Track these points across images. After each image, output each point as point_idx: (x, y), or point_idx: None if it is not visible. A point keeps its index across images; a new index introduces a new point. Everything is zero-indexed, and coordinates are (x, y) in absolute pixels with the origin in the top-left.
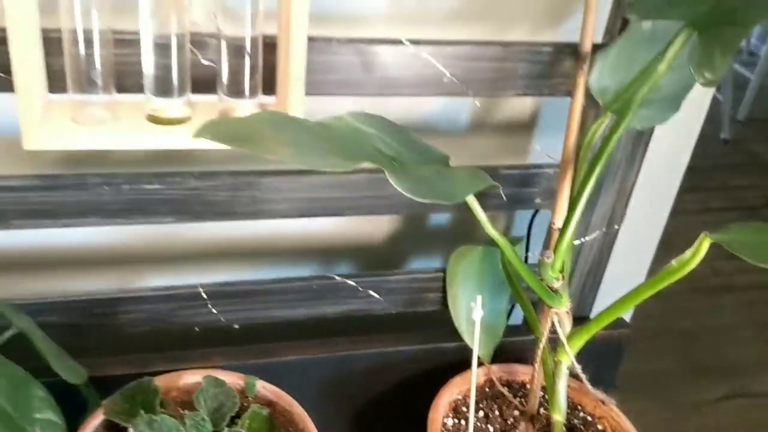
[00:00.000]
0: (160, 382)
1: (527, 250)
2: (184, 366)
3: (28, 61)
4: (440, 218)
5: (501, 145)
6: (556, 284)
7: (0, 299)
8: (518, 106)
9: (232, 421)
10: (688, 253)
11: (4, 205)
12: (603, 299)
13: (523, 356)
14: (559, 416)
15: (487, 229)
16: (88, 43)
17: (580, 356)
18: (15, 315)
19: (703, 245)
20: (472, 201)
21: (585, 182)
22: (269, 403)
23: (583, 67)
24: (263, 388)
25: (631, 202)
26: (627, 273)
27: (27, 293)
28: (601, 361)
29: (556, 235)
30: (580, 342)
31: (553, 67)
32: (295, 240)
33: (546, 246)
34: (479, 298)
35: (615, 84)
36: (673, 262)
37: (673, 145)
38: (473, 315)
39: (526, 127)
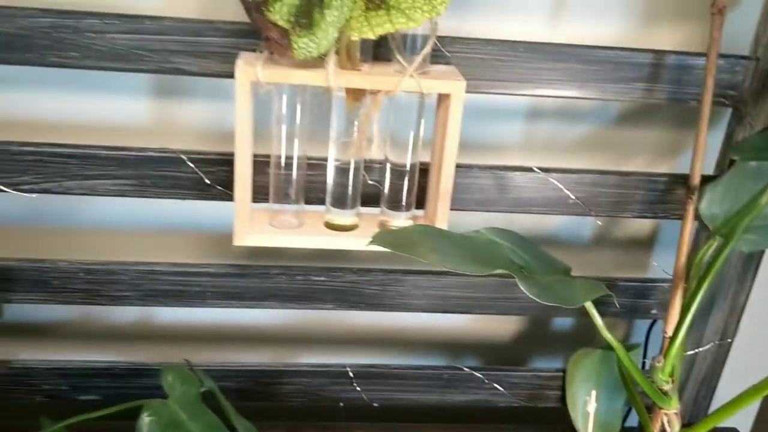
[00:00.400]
0: None
1: (644, 356)
2: None
3: (244, 179)
4: (563, 322)
5: (621, 260)
6: (666, 387)
7: (195, 365)
8: (638, 224)
9: None
10: None
11: (205, 287)
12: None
13: None
14: None
15: (603, 333)
16: (288, 166)
17: None
18: (204, 378)
19: None
20: (590, 307)
21: (693, 297)
22: None
23: (692, 198)
24: None
25: (745, 317)
26: (743, 384)
27: (210, 361)
28: None
29: (668, 342)
30: None
31: (667, 194)
32: (430, 332)
33: (659, 353)
34: (594, 392)
35: (723, 212)
36: None
37: None
38: (588, 407)
39: (645, 244)
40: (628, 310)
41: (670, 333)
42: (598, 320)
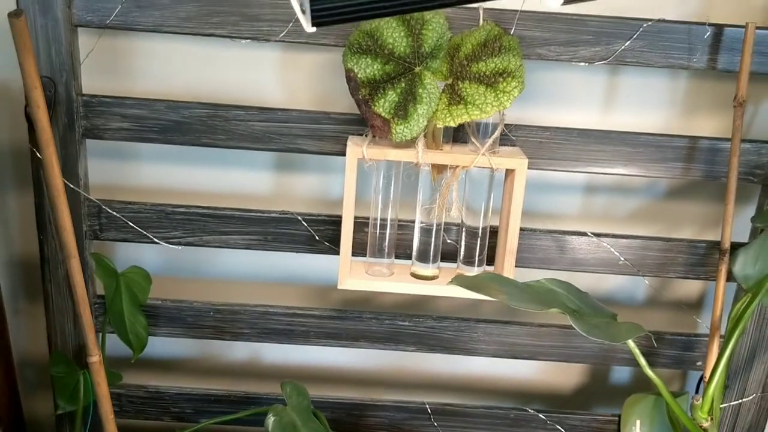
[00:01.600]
0: None
1: None
2: None
3: (348, 236)
4: (621, 377)
5: (672, 320)
6: (705, 424)
7: None
8: (687, 288)
9: None
10: None
11: (309, 327)
12: None
13: None
14: None
15: (645, 371)
16: (382, 226)
17: None
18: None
19: None
20: (633, 347)
21: (726, 344)
22: None
23: (723, 259)
24: None
25: None
26: None
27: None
28: None
29: (705, 384)
30: None
31: (706, 258)
32: (499, 380)
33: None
34: (638, 422)
35: (755, 272)
36: None
37: None
38: None
39: (693, 306)
40: (676, 362)
41: (707, 376)
42: (641, 359)
